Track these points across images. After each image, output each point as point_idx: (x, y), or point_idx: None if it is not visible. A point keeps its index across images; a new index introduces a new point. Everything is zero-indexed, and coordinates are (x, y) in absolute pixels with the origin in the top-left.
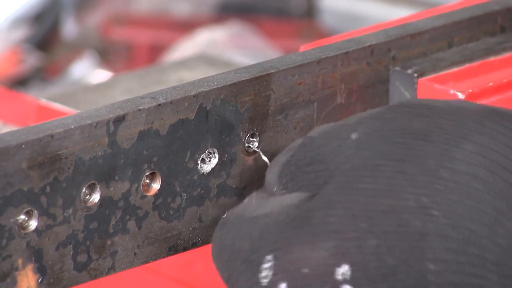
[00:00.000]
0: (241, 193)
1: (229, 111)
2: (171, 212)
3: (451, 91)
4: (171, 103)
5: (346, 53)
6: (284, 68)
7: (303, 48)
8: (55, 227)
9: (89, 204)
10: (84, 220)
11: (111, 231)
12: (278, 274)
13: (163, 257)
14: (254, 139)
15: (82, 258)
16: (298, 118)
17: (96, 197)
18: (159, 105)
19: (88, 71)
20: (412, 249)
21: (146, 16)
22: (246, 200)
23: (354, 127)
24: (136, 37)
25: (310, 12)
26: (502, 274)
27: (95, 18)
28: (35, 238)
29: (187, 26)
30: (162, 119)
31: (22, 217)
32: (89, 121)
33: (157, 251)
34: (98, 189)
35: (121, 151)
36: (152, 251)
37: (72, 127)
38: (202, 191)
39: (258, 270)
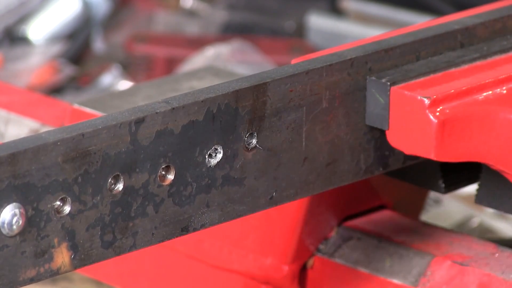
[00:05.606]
0: (242, 183)
1: (232, 114)
2: (183, 199)
3: (419, 97)
4: (183, 107)
5: (330, 65)
6: (278, 78)
7: (294, 61)
8: (85, 211)
9: (114, 192)
10: (110, 205)
11: (133, 214)
12: None
13: (177, 237)
14: (253, 138)
15: (108, 237)
16: (290, 119)
17: (120, 186)
18: (173, 109)
19: (114, 81)
20: None
21: (163, 35)
22: None
23: None
24: (155, 52)
25: (300, 32)
26: None
27: (120, 37)
28: (69, 220)
29: (197, 43)
30: (175, 120)
31: (58, 203)
32: (114, 122)
33: (171, 231)
34: (121, 179)
35: (141, 147)
36: (167, 232)
37: (100, 127)
38: (209, 181)
39: None
